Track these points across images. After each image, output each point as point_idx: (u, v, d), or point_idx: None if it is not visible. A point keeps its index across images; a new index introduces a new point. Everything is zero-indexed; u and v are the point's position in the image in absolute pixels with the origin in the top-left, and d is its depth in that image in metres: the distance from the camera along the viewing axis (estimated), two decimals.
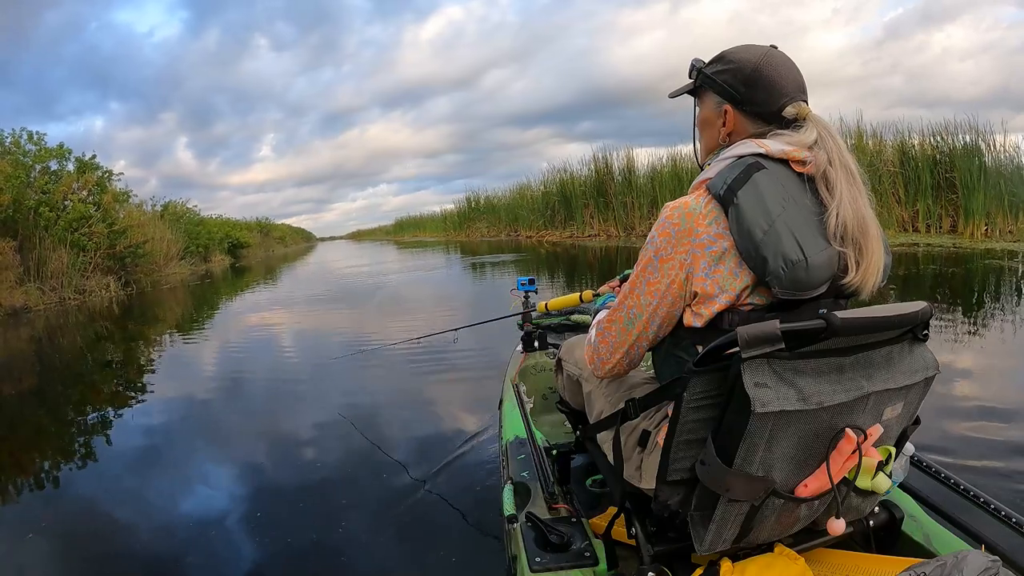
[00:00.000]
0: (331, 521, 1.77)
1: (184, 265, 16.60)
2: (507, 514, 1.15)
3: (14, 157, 10.17)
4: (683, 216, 0.81)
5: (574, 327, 2.57)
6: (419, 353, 3.78)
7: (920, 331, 0.79)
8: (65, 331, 6.87)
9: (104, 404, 3.48)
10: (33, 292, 8.97)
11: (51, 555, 1.75)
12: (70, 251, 10.02)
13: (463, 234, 25.14)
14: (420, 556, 1.56)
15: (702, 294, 0.80)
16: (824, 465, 0.73)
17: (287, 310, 7.16)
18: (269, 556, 1.61)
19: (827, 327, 0.66)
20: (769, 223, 0.75)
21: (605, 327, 0.93)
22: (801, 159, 0.80)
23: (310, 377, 3.74)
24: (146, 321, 7.63)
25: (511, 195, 20.94)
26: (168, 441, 2.70)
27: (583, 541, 1.02)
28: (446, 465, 2.08)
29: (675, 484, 0.79)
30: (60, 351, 5.45)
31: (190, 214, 20.69)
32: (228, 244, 24.92)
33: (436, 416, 2.70)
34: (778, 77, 0.85)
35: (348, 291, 8.83)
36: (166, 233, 15.47)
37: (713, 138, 0.93)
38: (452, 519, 1.73)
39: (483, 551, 1.53)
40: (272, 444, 2.55)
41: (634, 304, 0.87)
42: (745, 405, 0.67)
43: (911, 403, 0.81)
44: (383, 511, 1.80)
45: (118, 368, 4.60)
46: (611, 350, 0.92)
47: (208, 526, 1.81)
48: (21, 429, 3.16)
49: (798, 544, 0.86)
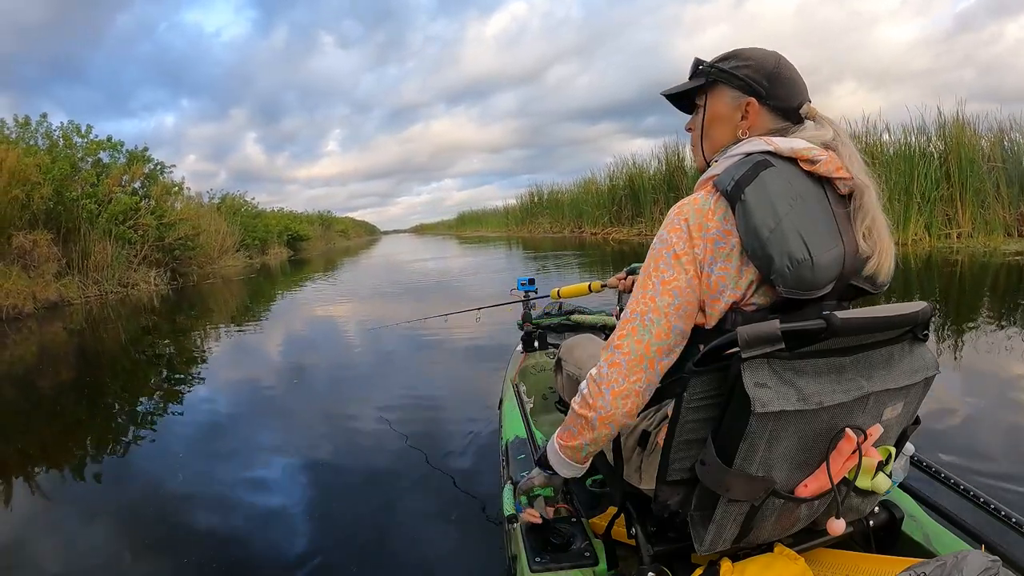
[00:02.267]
0: (329, 520, 1.77)
1: (239, 258, 16.44)
2: (507, 514, 1.15)
3: (60, 150, 9.95)
4: (694, 212, 0.81)
5: (574, 327, 2.57)
6: (428, 344, 3.78)
7: (920, 331, 0.79)
8: (101, 325, 6.76)
9: (127, 398, 3.54)
10: (72, 285, 8.79)
11: (122, 531, 1.88)
12: (115, 244, 9.83)
13: (525, 229, 24.27)
14: (420, 556, 1.56)
15: (710, 291, 0.80)
16: (824, 465, 0.73)
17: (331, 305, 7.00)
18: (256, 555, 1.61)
19: (827, 327, 0.66)
20: (776, 221, 0.75)
21: (611, 353, 0.80)
22: (810, 158, 0.80)
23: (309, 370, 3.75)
24: (182, 315, 7.52)
25: (576, 189, 19.82)
26: (204, 428, 2.77)
27: (583, 541, 1.02)
28: (446, 465, 2.08)
29: (675, 484, 0.79)
30: (95, 345, 5.40)
31: (247, 207, 20.52)
32: (287, 237, 24.76)
33: (436, 415, 2.69)
34: (795, 76, 0.89)
35: (410, 290, 8.28)
36: (221, 226, 15.31)
37: (725, 134, 0.91)
38: (452, 518, 1.73)
39: (483, 551, 1.54)
40: (270, 439, 2.55)
41: (648, 309, 0.78)
42: (745, 405, 0.67)
43: (911, 403, 0.81)
44: (383, 511, 1.80)
45: (149, 362, 4.62)
46: (625, 372, 0.78)
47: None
48: (60, 421, 3.22)
49: (798, 544, 0.86)
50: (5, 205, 8.05)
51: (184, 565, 1.60)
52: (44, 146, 9.98)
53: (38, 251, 8.38)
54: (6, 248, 8.08)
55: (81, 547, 1.77)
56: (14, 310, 7.10)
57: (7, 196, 8.01)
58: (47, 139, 10.24)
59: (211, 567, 1.58)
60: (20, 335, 5.90)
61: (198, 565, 1.59)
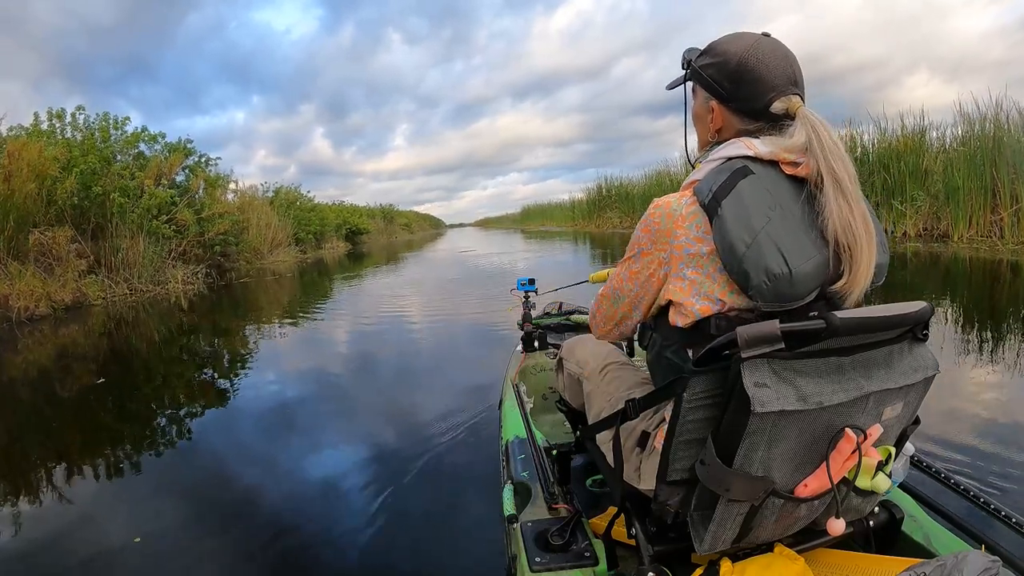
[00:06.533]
0: (327, 520, 1.77)
1: (291, 252, 15.76)
2: (507, 514, 1.15)
3: (91, 143, 9.35)
4: (663, 216, 0.83)
5: (574, 327, 2.57)
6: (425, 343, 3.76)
7: (920, 331, 0.79)
8: (119, 327, 6.32)
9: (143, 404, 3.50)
10: (94, 285, 8.16)
11: (183, 510, 1.96)
12: (148, 240, 9.19)
13: (592, 224, 23.00)
14: (420, 555, 1.56)
15: (678, 293, 0.81)
16: (824, 465, 0.73)
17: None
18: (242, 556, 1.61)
19: (827, 327, 0.66)
20: (752, 236, 0.74)
21: (599, 299, 1.00)
22: (791, 160, 0.78)
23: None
24: (208, 316, 7.07)
25: (647, 182, 18.96)
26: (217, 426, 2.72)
27: (583, 541, 1.02)
28: (446, 465, 2.08)
29: (675, 484, 0.79)
30: (98, 351, 5.07)
31: (302, 199, 19.78)
32: (346, 231, 23.96)
33: (436, 415, 2.69)
34: (765, 70, 0.82)
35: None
36: (272, 219, 14.76)
37: (703, 133, 0.92)
38: (452, 518, 1.73)
39: (483, 551, 1.54)
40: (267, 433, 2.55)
41: (619, 286, 0.92)
42: (745, 405, 0.67)
43: (911, 403, 0.81)
44: (382, 510, 1.80)
45: (152, 370, 4.55)
46: (604, 320, 1.00)
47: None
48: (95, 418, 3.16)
49: (798, 544, 0.86)
50: (21, 200, 7.52)
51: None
52: (78, 139, 9.42)
53: (56, 249, 7.86)
54: (24, 246, 7.56)
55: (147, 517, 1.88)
56: (26, 312, 6.68)
57: (23, 191, 7.50)
58: (80, 132, 9.64)
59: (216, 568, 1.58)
60: (32, 339, 5.72)
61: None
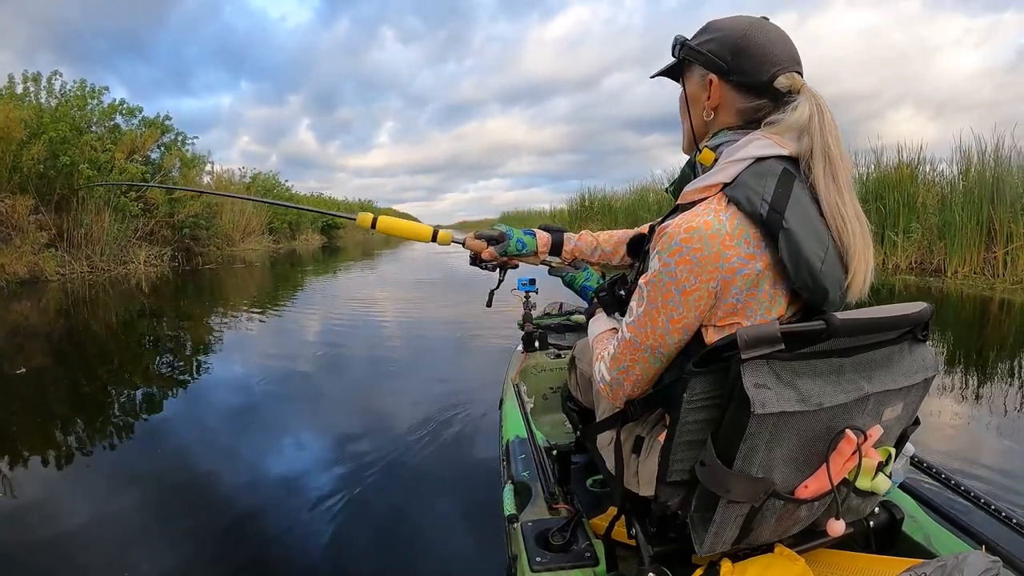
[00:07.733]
0: (326, 520, 1.77)
1: (263, 241, 15.55)
2: (507, 514, 1.15)
3: (65, 109, 9.00)
4: (705, 240, 0.71)
5: (574, 327, 2.57)
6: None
7: (920, 332, 0.79)
8: (63, 307, 6.08)
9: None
10: (51, 259, 7.76)
11: (146, 500, 1.96)
12: (115, 216, 8.89)
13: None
14: (420, 555, 1.57)
15: (730, 315, 0.75)
16: (824, 466, 0.73)
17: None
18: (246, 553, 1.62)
19: (827, 328, 0.66)
20: (824, 250, 0.71)
21: (628, 365, 0.82)
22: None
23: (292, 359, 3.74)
24: (170, 300, 6.91)
25: (631, 196, 18.62)
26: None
27: (584, 541, 1.02)
28: (446, 465, 2.08)
29: (675, 485, 0.79)
30: (35, 330, 4.91)
31: (279, 188, 19.51)
32: (322, 224, 23.54)
33: (435, 415, 2.69)
34: (768, 44, 0.79)
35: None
36: (246, 206, 14.60)
37: (699, 116, 0.87)
38: (452, 518, 1.73)
39: (483, 551, 1.54)
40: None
41: (659, 343, 0.78)
42: (745, 406, 0.66)
43: (911, 404, 0.81)
44: (382, 510, 1.80)
45: (81, 352, 4.49)
46: (636, 384, 0.84)
47: None
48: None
49: (798, 545, 0.86)
50: None
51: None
52: (51, 105, 9.12)
53: (16, 218, 7.40)
54: None
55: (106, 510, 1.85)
56: None
57: None
58: (55, 98, 9.35)
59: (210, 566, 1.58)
60: None
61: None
